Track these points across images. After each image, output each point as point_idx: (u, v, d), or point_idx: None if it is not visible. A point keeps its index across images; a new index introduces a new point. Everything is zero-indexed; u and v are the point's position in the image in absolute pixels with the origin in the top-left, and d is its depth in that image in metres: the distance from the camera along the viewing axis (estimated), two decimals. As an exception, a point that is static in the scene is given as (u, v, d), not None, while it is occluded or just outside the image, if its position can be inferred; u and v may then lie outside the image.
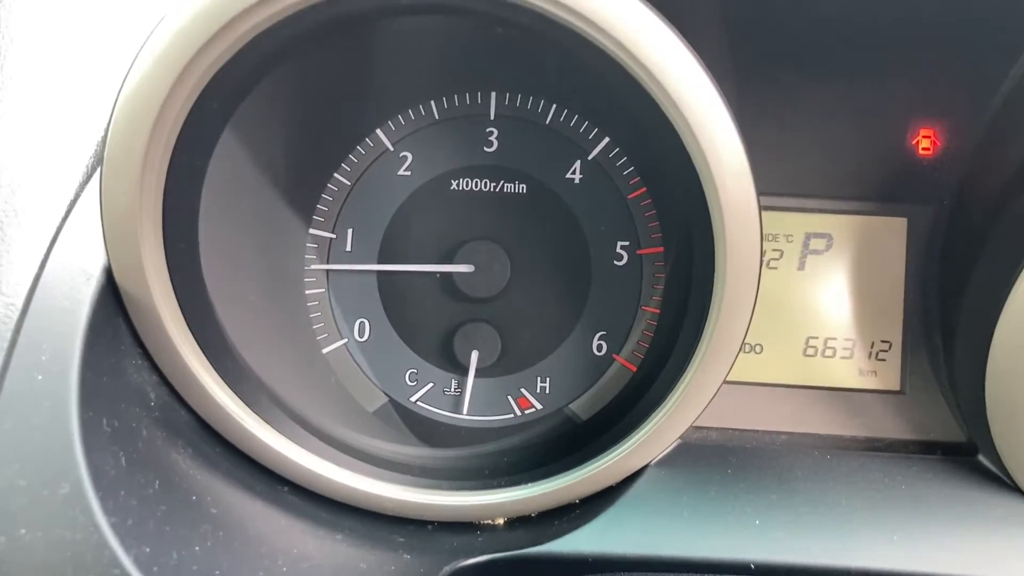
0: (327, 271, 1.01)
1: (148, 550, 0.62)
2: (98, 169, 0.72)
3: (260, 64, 0.72)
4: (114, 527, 0.61)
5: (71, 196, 0.72)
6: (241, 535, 0.72)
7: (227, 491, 0.75)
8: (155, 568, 0.62)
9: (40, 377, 0.65)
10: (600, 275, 1.00)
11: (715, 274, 0.75)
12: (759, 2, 0.89)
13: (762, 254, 0.75)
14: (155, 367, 0.75)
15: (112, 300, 0.71)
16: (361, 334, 1.02)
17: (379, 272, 1.01)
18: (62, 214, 0.71)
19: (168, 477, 0.69)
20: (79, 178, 0.73)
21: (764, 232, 0.75)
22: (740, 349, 0.77)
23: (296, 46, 0.73)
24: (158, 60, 0.66)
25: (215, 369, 0.76)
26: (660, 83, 0.70)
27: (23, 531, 0.61)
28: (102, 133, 0.74)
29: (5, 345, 0.66)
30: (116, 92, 0.67)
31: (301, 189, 0.98)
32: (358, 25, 0.78)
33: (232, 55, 0.67)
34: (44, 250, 0.69)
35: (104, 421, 0.66)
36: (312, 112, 0.94)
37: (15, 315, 0.67)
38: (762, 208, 0.74)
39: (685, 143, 0.72)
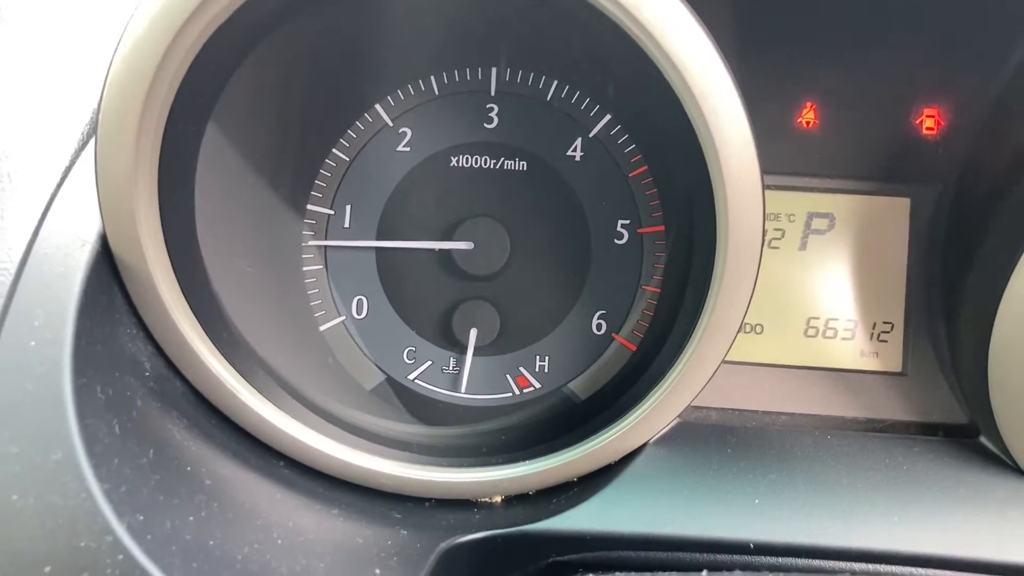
0: (325, 248, 1.01)
1: (141, 518, 0.62)
2: (93, 135, 0.72)
3: (257, 26, 0.72)
4: (107, 494, 0.60)
5: (66, 162, 0.71)
6: (236, 507, 0.71)
7: (222, 463, 0.74)
8: (148, 536, 0.61)
9: (33, 343, 0.64)
10: (600, 254, 0.99)
11: (716, 251, 0.75)
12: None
13: (764, 232, 0.74)
14: (150, 337, 0.74)
15: (107, 267, 0.70)
16: (359, 311, 1.01)
17: (377, 249, 1.01)
18: (57, 180, 0.70)
19: (162, 447, 0.69)
20: (74, 143, 0.72)
21: (766, 211, 0.74)
22: (740, 328, 0.77)
23: (294, 8, 0.72)
24: (152, 22, 0.65)
25: (211, 340, 0.76)
26: (668, 56, 0.69)
27: (15, 497, 0.60)
28: (97, 98, 0.73)
29: (-3, 311, 0.65)
30: (110, 57, 0.66)
31: (299, 164, 0.97)
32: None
33: (228, 16, 0.66)
34: (38, 216, 0.69)
35: (98, 389, 0.65)
36: (310, 84, 0.93)
37: (9, 281, 0.66)
38: (765, 187, 0.73)
39: (690, 116, 0.72)
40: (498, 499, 0.82)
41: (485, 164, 0.99)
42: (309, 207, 1.00)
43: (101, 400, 0.65)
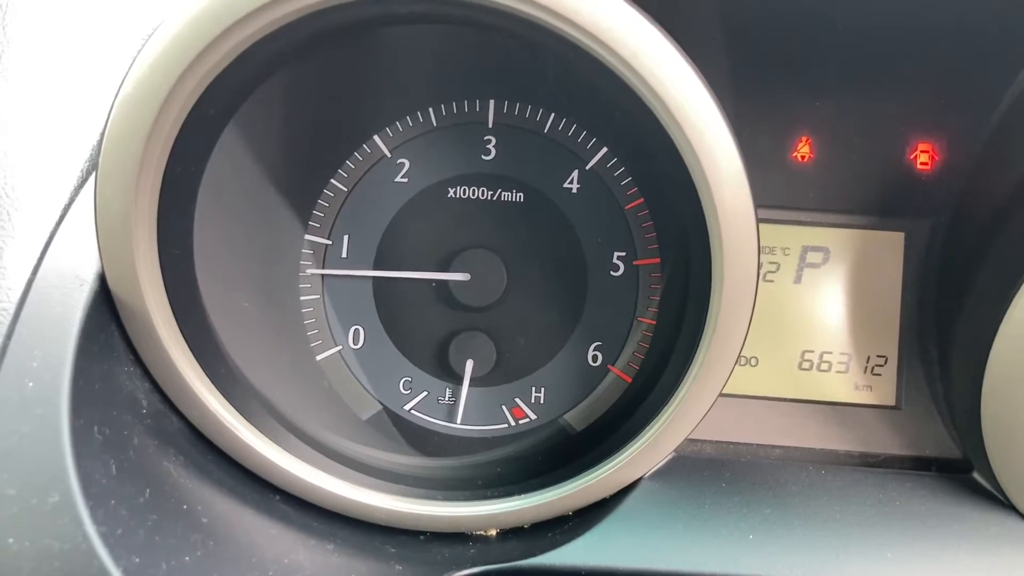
0: (322, 277, 1.01)
1: (138, 560, 0.62)
2: (92, 174, 0.72)
3: (257, 70, 0.72)
4: (103, 537, 0.61)
5: (65, 201, 0.71)
6: (232, 545, 0.71)
7: (218, 500, 0.74)
8: (144, 579, 0.61)
9: (31, 384, 0.64)
10: (596, 285, 1.00)
11: (712, 286, 0.75)
12: (758, 16, 0.89)
13: (759, 266, 0.74)
14: (147, 374, 0.74)
15: (105, 306, 0.70)
16: (356, 341, 1.01)
17: (374, 279, 1.01)
18: (55, 219, 0.70)
19: (159, 486, 0.69)
20: (73, 183, 0.72)
21: (761, 245, 0.74)
22: (736, 362, 0.77)
23: (293, 53, 0.73)
24: (155, 65, 0.66)
25: (208, 376, 0.76)
26: (659, 96, 0.70)
27: (11, 540, 0.60)
28: (97, 137, 0.73)
29: (-4, 351, 0.65)
30: (112, 97, 0.67)
31: (297, 195, 0.98)
32: (355, 33, 0.78)
33: (230, 62, 0.67)
34: (37, 255, 0.69)
35: (95, 429, 0.65)
36: (309, 118, 0.94)
37: (7, 320, 0.66)
38: (760, 221, 0.74)
39: (683, 155, 0.72)
40: (493, 532, 0.82)
41: (482, 195, 1.00)
42: (307, 237, 1.00)
43: (98, 440, 0.65)
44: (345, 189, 1.00)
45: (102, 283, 0.70)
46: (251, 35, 0.66)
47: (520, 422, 1.01)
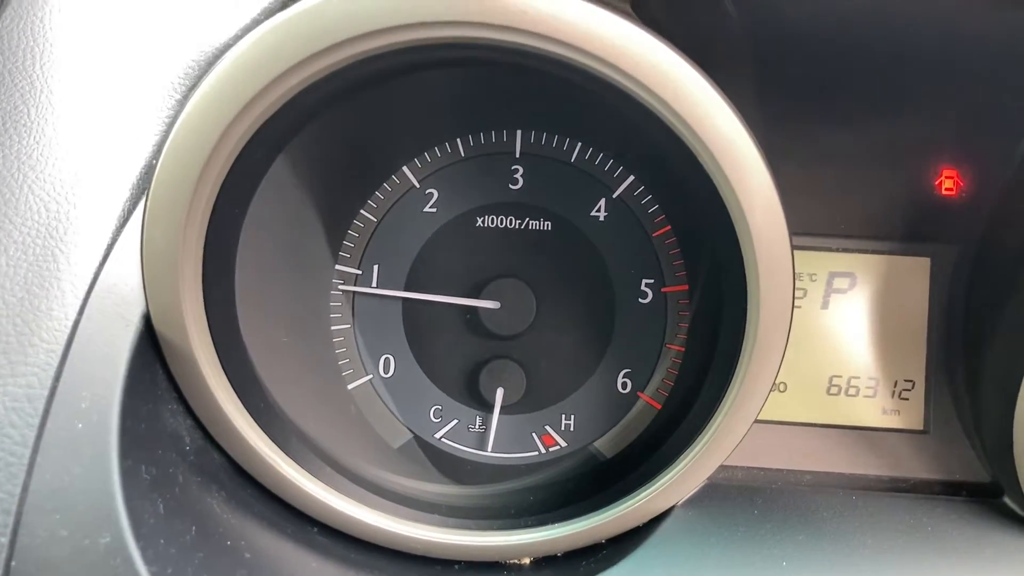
0: (352, 307, 1.02)
1: (188, 600, 0.63)
2: (134, 213, 0.73)
3: (302, 114, 0.73)
4: (155, 576, 0.61)
5: (108, 241, 0.72)
6: (274, 579, 0.72)
7: (260, 534, 0.75)
8: (194, 617, 0.62)
9: (80, 425, 0.65)
10: (624, 313, 1.00)
11: (748, 315, 0.75)
12: (787, 46, 0.90)
13: (794, 295, 0.75)
14: (189, 411, 0.75)
15: (149, 346, 0.71)
16: (386, 370, 1.02)
17: (404, 309, 1.02)
18: (99, 260, 0.71)
19: (203, 523, 0.70)
20: (114, 223, 0.72)
21: (794, 272, 0.75)
22: (771, 390, 0.78)
23: (336, 97, 0.74)
24: (207, 112, 0.67)
25: (248, 411, 0.77)
26: (694, 129, 0.70)
27: (65, 581, 0.61)
28: (138, 176, 0.74)
29: (45, 393, 0.66)
30: (163, 146, 0.68)
31: (329, 226, 0.99)
32: (397, 76, 0.79)
33: (277, 108, 0.68)
34: (82, 297, 0.70)
35: (143, 469, 0.66)
36: (342, 153, 0.95)
37: (55, 362, 0.67)
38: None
39: (719, 186, 0.72)
40: (527, 561, 0.83)
41: (510, 224, 1.01)
42: (337, 267, 1.01)
43: (146, 480, 0.66)
44: (375, 219, 1.01)
45: (147, 323, 0.71)
46: (298, 84, 0.67)
47: (551, 449, 1.01)
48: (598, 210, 1.01)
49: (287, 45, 0.66)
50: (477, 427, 1.02)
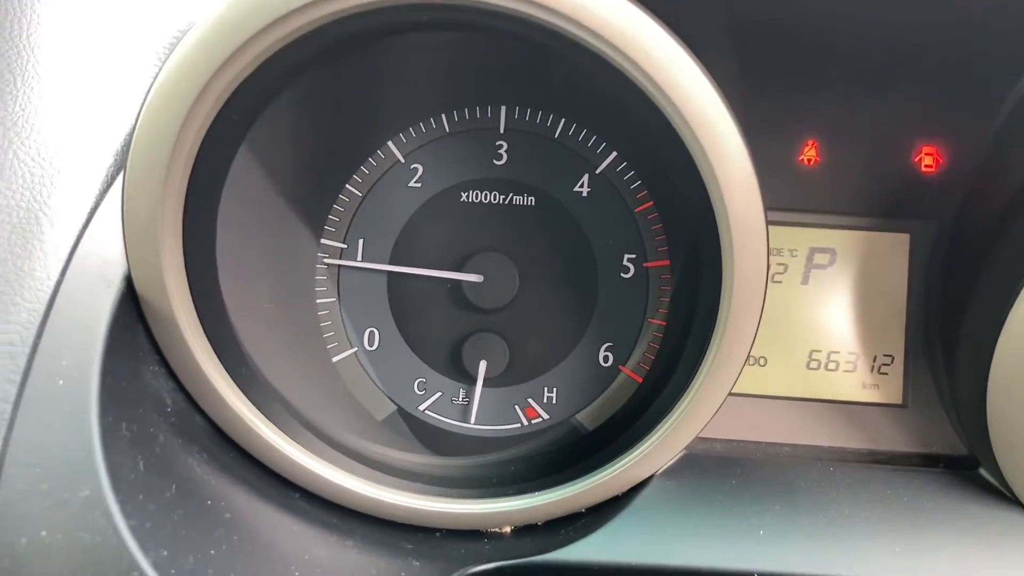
0: (337, 280, 1.03)
1: (166, 553, 0.63)
2: (117, 178, 0.74)
3: (279, 77, 0.73)
4: (133, 530, 0.62)
5: (91, 204, 0.73)
6: (254, 540, 0.73)
7: (240, 496, 0.76)
8: (172, 571, 0.63)
9: (61, 382, 0.66)
10: (607, 287, 1.01)
11: (722, 287, 0.76)
12: (766, 20, 0.90)
13: (768, 267, 0.76)
14: (171, 373, 0.76)
15: (131, 307, 0.72)
16: (371, 343, 1.03)
17: (389, 282, 1.03)
18: (82, 222, 0.72)
19: (184, 482, 0.70)
20: (98, 187, 0.74)
21: (770, 246, 0.76)
22: (746, 361, 0.78)
23: (313, 60, 0.74)
24: (182, 72, 0.67)
25: (230, 376, 0.77)
26: (671, 99, 0.71)
27: (44, 533, 0.62)
28: (123, 142, 0.75)
29: (27, 351, 0.67)
30: (140, 102, 0.68)
31: (314, 199, 1.00)
32: (374, 39, 0.79)
33: (254, 69, 0.68)
34: (65, 258, 0.70)
35: (123, 426, 0.67)
36: (325, 123, 0.95)
37: (37, 321, 0.68)
38: (767, 223, 0.75)
39: (694, 158, 0.73)
40: (507, 529, 0.84)
41: (495, 200, 1.02)
42: (323, 241, 1.02)
43: (126, 437, 0.67)
44: (360, 193, 1.02)
45: (128, 285, 0.72)
46: (275, 42, 0.67)
47: (533, 422, 1.02)
48: (581, 186, 1.01)
49: (263, 3, 0.67)
50: (461, 399, 1.03)
